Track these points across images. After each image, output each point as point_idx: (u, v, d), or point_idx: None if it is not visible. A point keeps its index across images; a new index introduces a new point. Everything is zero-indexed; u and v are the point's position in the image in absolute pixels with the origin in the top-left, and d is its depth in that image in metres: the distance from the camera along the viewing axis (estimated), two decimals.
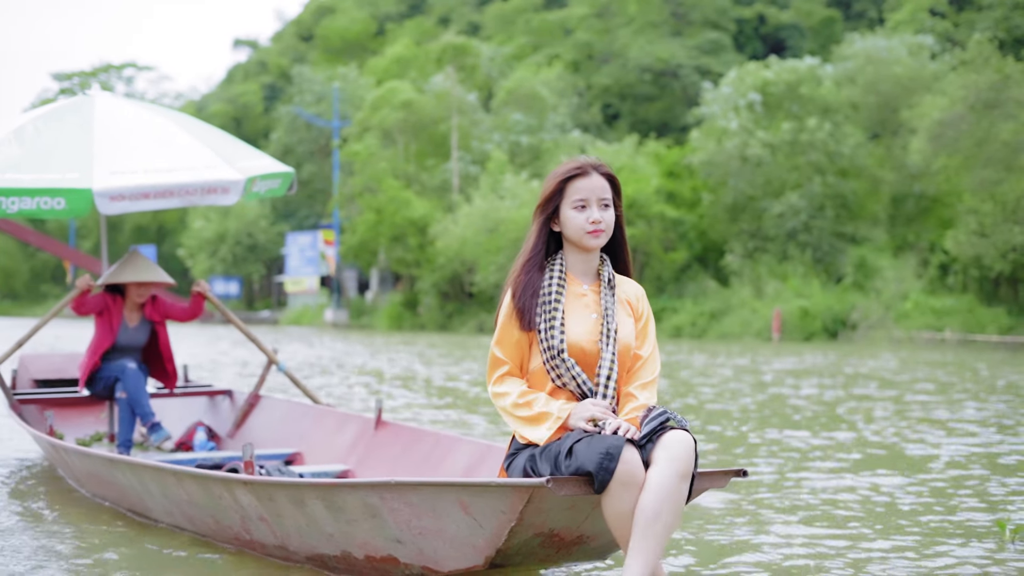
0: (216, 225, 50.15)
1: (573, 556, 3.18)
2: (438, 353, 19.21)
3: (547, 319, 3.05)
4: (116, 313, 5.56)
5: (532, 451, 3.04)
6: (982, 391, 11.01)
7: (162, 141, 5.56)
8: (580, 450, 2.87)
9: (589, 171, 3.10)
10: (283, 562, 3.73)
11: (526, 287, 3.09)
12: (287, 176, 5.79)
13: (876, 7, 43.02)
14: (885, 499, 4.96)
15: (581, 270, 3.15)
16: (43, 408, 5.85)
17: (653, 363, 3.14)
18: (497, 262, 31.45)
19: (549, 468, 2.95)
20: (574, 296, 3.12)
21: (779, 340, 25.72)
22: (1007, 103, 24.32)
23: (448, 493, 2.99)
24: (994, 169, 25.04)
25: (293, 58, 60.11)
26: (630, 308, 3.16)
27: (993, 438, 7.24)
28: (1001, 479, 5.52)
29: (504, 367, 3.09)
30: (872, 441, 7.03)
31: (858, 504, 4.81)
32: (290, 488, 3.46)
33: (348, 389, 11.14)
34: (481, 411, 8.86)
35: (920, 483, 5.38)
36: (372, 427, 5.08)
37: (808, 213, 29.94)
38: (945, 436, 7.31)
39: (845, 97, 31.39)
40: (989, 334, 24.31)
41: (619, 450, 2.81)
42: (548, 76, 39.96)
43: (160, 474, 4.11)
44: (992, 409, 9.16)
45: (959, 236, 25.65)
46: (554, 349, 3.03)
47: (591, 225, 3.06)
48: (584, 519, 3.03)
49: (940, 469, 5.85)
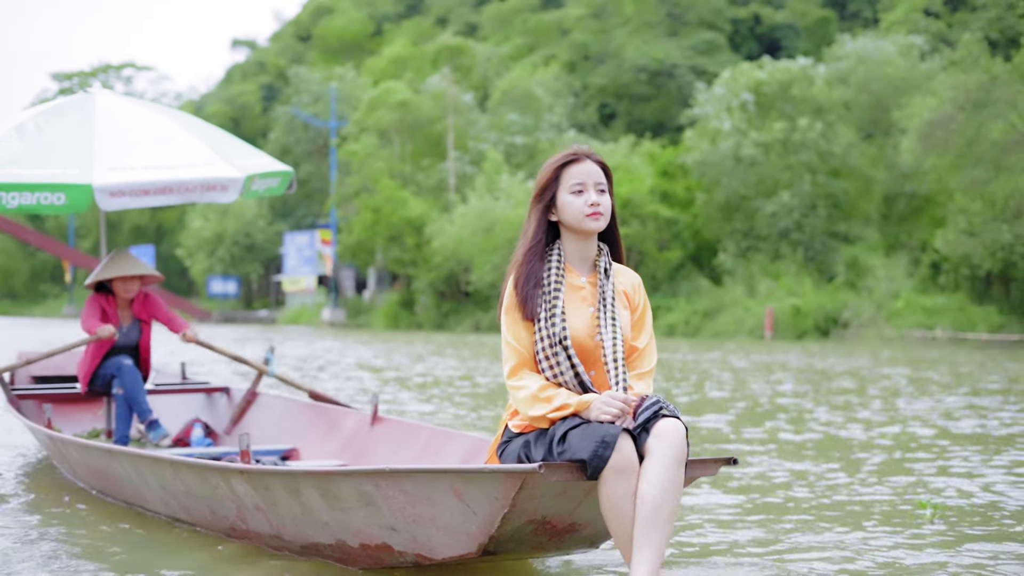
0: (214, 225, 50.09)
1: (565, 544, 3.19)
2: (431, 351, 19.22)
3: (548, 308, 3.04)
4: (113, 315, 5.56)
5: (527, 438, 3.04)
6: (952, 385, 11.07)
7: (162, 138, 5.56)
8: (574, 437, 2.88)
9: (583, 158, 3.12)
10: (279, 551, 3.74)
11: (528, 277, 3.07)
12: (286, 175, 5.78)
13: (871, 7, 43.00)
14: (811, 482, 5.14)
15: (579, 260, 3.14)
16: (41, 403, 5.85)
17: (650, 353, 3.14)
18: (493, 261, 31.47)
19: (543, 454, 2.96)
20: (572, 288, 3.11)
21: (771, 338, 25.76)
22: (996, 103, 24.37)
23: (442, 480, 2.99)
24: (984, 168, 25.10)
25: (291, 58, 60.00)
26: (626, 299, 3.15)
27: (938, 425, 7.53)
28: (933, 461, 5.78)
29: (518, 357, 3.06)
30: (815, 429, 7.33)
31: (782, 490, 4.96)
32: (286, 477, 3.47)
33: (345, 382, 11.14)
34: (478, 407, 8.88)
35: (846, 468, 5.58)
36: (368, 422, 5.07)
37: (800, 212, 29.99)
38: (886, 425, 7.54)
39: (837, 97, 31.44)
40: (980, 332, 24.37)
41: (614, 439, 2.81)
42: (544, 76, 39.96)
43: (157, 465, 4.12)
44: (949, 402, 9.35)
45: (948, 235, 25.71)
46: (555, 337, 3.01)
47: (590, 208, 3.06)
48: (576, 506, 3.03)
49: (869, 455, 6.07)
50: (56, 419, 5.97)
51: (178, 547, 3.90)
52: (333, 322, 40.74)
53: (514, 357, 3.06)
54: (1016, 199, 24.56)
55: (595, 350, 3.05)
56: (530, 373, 3.05)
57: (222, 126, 49.29)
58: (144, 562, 3.67)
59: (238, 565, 3.61)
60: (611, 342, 3.03)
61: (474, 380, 11.93)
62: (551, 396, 2.98)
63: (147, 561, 3.68)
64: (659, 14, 43.60)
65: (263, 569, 3.56)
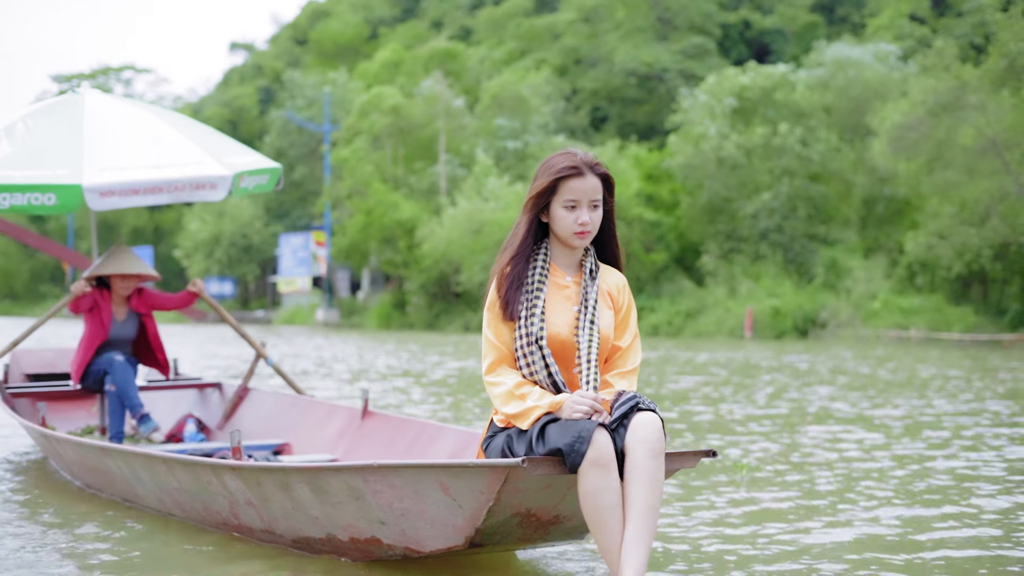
0: (211, 226, 49.95)
1: (550, 536, 3.18)
2: (422, 350, 19.19)
3: (528, 307, 3.03)
4: (105, 308, 5.51)
5: (510, 432, 3.03)
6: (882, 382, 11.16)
7: (151, 138, 5.50)
8: (552, 432, 2.87)
9: (584, 171, 3.05)
10: (270, 545, 3.72)
11: (512, 279, 3.06)
12: (275, 171, 5.73)
13: (858, 12, 42.99)
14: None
15: (565, 261, 3.13)
16: (35, 401, 5.80)
17: (633, 353, 3.12)
18: (482, 262, 31.53)
19: (524, 450, 2.95)
20: (556, 287, 3.09)
21: (751, 338, 25.83)
22: (965, 108, 24.49)
23: (429, 474, 2.99)
24: (954, 172, 25.22)
25: (288, 61, 59.78)
26: (610, 299, 3.13)
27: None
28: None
29: (497, 353, 3.05)
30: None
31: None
32: (277, 472, 3.46)
33: (335, 382, 11.11)
34: (466, 403, 8.86)
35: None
36: (359, 417, 5.06)
37: (781, 215, 30.08)
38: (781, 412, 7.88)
39: (817, 102, 31.52)
40: (954, 333, 24.48)
41: (590, 433, 2.80)
42: (535, 80, 39.94)
43: (151, 462, 4.09)
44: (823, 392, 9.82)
45: (919, 238, 25.84)
46: (532, 336, 3.00)
47: (579, 226, 3.03)
48: (560, 499, 3.03)
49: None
50: (50, 417, 5.92)
51: (171, 542, 3.87)
52: (327, 322, 40.66)
53: (493, 353, 3.06)
54: (985, 203, 24.69)
55: (576, 348, 3.04)
56: (508, 369, 3.04)
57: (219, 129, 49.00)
58: (138, 557, 3.64)
59: (231, 560, 3.59)
60: (587, 343, 3.02)
61: (462, 376, 11.91)
62: (526, 394, 2.98)
63: (141, 556, 3.66)
64: (650, 19, 43.49)
65: (255, 563, 3.53)
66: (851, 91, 31.44)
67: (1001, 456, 5.90)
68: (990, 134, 24.09)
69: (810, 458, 5.79)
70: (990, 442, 6.48)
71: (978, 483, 5.01)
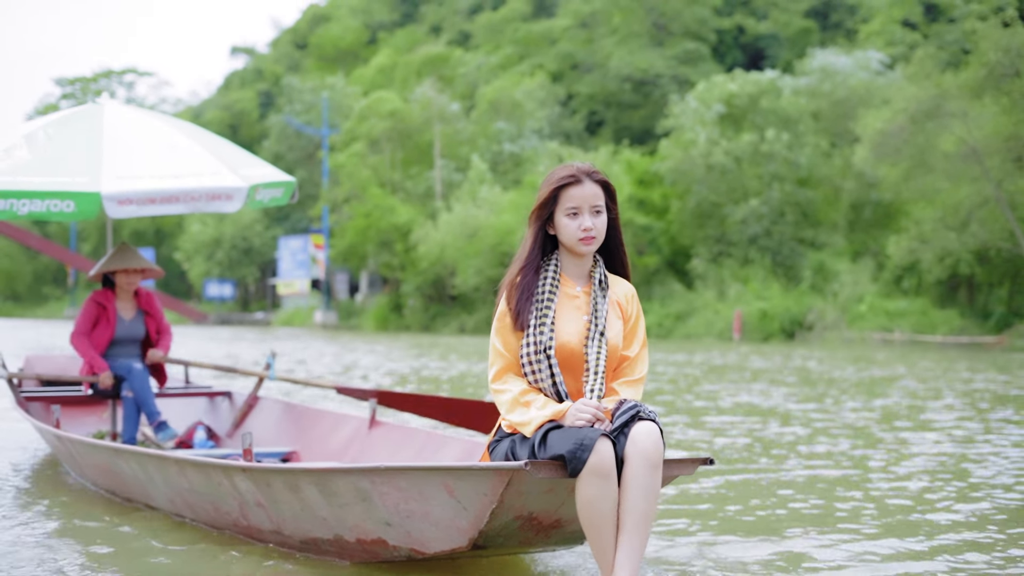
0: (212, 229, 49.87)
1: (551, 540, 3.22)
2: (421, 352, 19.21)
3: (538, 316, 3.04)
4: (112, 311, 5.55)
5: (514, 438, 3.06)
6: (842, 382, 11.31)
7: (169, 148, 5.53)
8: (554, 439, 2.90)
9: (582, 178, 3.07)
10: (278, 547, 3.75)
11: (521, 290, 3.07)
12: (289, 185, 5.73)
13: (852, 18, 42.94)
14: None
15: (575, 272, 3.14)
16: (49, 405, 5.83)
17: (641, 362, 3.13)
18: (476, 265, 31.57)
19: (527, 455, 2.98)
20: (566, 297, 3.11)
21: (739, 340, 25.90)
22: (945, 116, 24.61)
23: (434, 477, 3.03)
24: (936, 178, 25.34)
25: (288, 66, 59.59)
26: (620, 309, 3.14)
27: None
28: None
29: (504, 361, 3.07)
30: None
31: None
32: (286, 474, 3.50)
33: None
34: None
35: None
36: (366, 427, 5.08)
37: (770, 219, 30.16)
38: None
39: (805, 108, 31.60)
40: (938, 335, 24.59)
41: (592, 441, 2.82)
42: (530, 85, 39.93)
43: (163, 463, 4.13)
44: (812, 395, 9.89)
45: (901, 242, 25.95)
46: (540, 345, 3.02)
47: (582, 232, 3.05)
48: (561, 504, 3.07)
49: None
50: (63, 421, 5.93)
51: (182, 543, 3.91)
52: (325, 324, 40.63)
53: (500, 362, 3.08)
54: (966, 208, 24.82)
55: (584, 358, 3.06)
56: (514, 377, 3.07)
57: (220, 133, 48.99)
58: (149, 558, 3.68)
59: (240, 561, 3.63)
60: (595, 354, 3.04)
61: (464, 380, 11.96)
62: (530, 401, 3.00)
63: (152, 556, 3.70)
64: (645, 24, 43.43)
65: (261, 566, 3.57)
66: (836, 96, 31.54)
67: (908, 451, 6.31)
68: (971, 141, 24.22)
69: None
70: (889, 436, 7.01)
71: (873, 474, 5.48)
